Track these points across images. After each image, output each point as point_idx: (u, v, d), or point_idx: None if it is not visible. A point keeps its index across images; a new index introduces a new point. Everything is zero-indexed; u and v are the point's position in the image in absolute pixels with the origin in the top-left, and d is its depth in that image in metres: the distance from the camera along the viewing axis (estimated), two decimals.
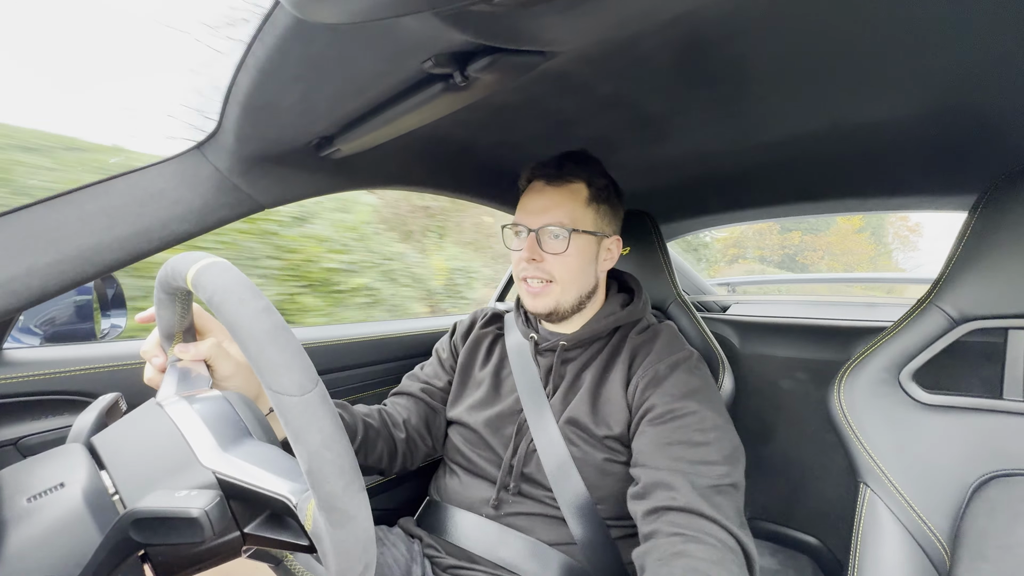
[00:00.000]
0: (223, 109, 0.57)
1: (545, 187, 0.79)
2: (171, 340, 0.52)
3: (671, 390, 0.71)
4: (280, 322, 0.35)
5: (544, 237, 0.77)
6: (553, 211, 0.77)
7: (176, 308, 0.48)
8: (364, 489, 0.34)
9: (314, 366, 0.35)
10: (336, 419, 0.34)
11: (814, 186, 1.09)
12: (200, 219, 0.64)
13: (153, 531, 0.33)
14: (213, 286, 0.36)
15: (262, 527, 0.40)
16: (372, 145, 0.64)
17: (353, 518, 0.33)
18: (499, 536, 0.74)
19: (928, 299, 0.67)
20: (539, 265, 0.77)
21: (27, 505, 0.35)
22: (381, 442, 0.81)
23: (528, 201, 0.81)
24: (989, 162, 0.82)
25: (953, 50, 0.55)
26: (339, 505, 0.33)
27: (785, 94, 0.68)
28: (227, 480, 0.39)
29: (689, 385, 0.72)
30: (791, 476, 1.26)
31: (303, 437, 0.33)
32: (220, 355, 0.55)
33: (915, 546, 0.61)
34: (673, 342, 0.79)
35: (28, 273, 0.53)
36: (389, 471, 0.85)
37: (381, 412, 0.85)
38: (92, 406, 0.45)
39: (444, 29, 0.37)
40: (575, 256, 0.77)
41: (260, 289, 0.37)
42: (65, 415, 0.71)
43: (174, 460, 0.39)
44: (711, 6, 0.48)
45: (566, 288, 0.78)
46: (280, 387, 0.33)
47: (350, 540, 0.33)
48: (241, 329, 0.34)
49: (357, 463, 0.34)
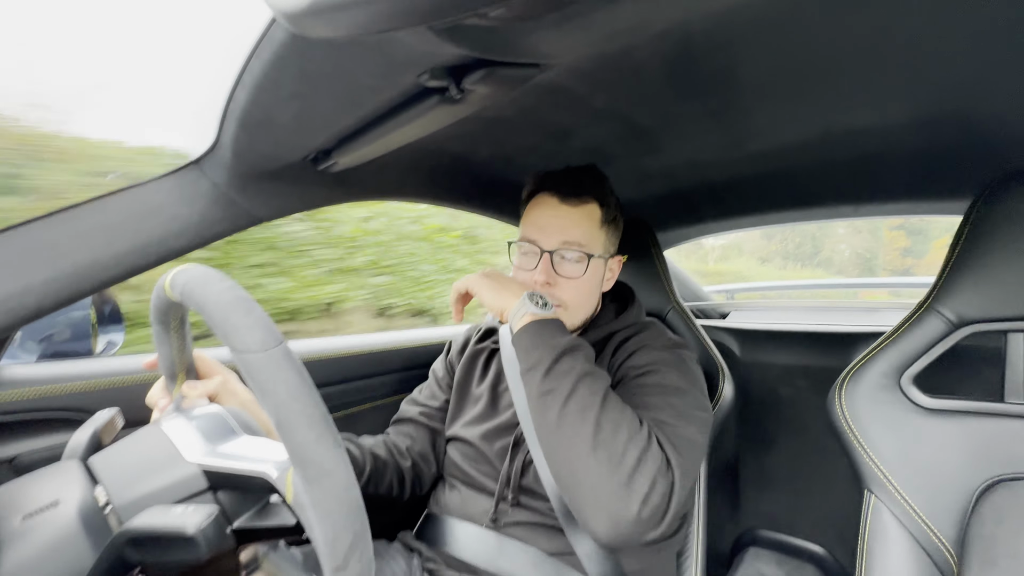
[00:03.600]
0: (220, 124, 0.57)
1: (560, 204, 0.76)
2: (174, 381, 0.53)
3: (656, 360, 0.72)
4: (244, 295, 0.36)
5: (558, 260, 0.75)
6: (570, 232, 0.74)
7: (172, 341, 0.49)
8: (341, 445, 0.33)
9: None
10: (304, 374, 0.34)
11: (808, 193, 1.10)
12: (197, 234, 0.65)
13: (148, 549, 0.33)
14: (184, 280, 0.38)
15: (251, 519, 0.40)
16: (369, 158, 0.65)
17: (330, 473, 0.32)
18: (499, 547, 0.73)
19: (927, 303, 0.67)
20: (550, 290, 0.75)
21: (22, 524, 0.34)
22: (389, 472, 0.82)
23: (539, 217, 0.77)
24: (982, 166, 0.82)
25: (944, 58, 0.56)
26: (312, 457, 0.32)
27: (777, 103, 0.69)
28: (211, 470, 0.39)
29: (676, 363, 0.72)
30: (795, 485, 1.25)
31: (268, 389, 0.32)
32: (225, 392, 0.56)
33: (922, 553, 0.61)
34: (661, 334, 0.79)
35: (25, 290, 0.53)
36: (400, 499, 0.85)
37: (387, 443, 0.86)
38: (88, 423, 0.45)
39: (439, 43, 0.38)
40: (588, 281, 0.76)
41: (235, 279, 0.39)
42: (61, 432, 0.71)
43: (160, 460, 0.40)
44: (702, 18, 0.49)
45: (574, 313, 0.78)
46: (243, 346, 0.33)
47: (330, 498, 0.32)
48: (208, 303, 0.35)
49: (330, 417, 0.34)
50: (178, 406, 0.52)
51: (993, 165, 0.76)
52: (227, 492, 0.40)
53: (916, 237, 15.74)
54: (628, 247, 1.07)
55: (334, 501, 0.32)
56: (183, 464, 0.40)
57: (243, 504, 0.40)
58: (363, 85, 0.48)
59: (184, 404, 0.52)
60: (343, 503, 0.32)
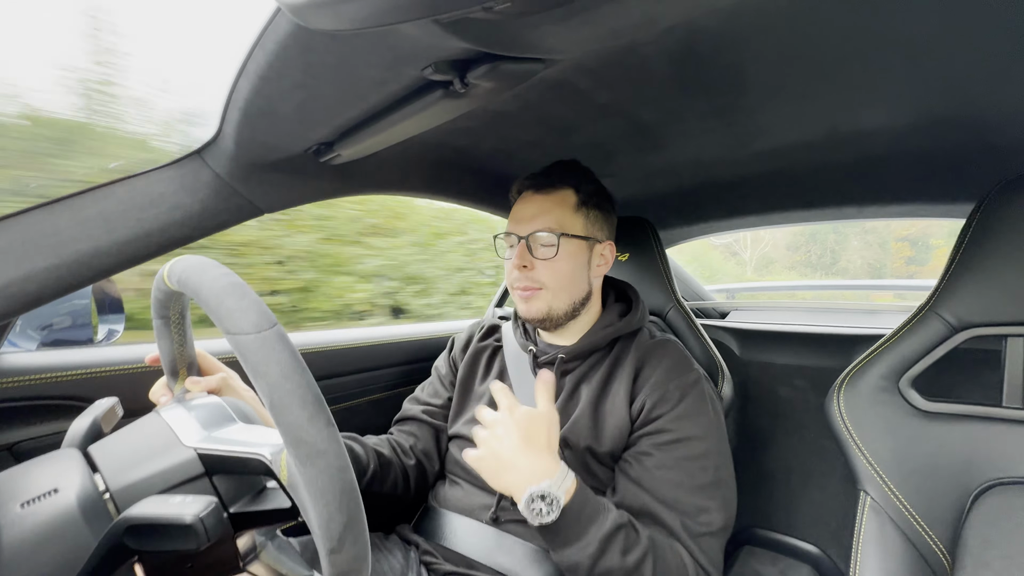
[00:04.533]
0: (223, 114, 0.57)
1: (534, 195, 0.80)
2: (176, 377, 0.53)
3: (682, 415, 0.71)
4: (238, 280, 0.37)
5: (534, 244, 0.77)
6: (541, 217, 0.77)
7: (173, 335, 0.50)
8: (333, 425, 0.34)
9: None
10: (296, 356, 0.34)
11: (811, 194, 1.10)
12: (199, 224, 0.64)
13: (147, 538, 0.33)
14: (181, 268, 0.39)
15: (247, 504, 0.40)
16: (371, 151, 0.65)
17: (323, 453, 0.32)
18: (498, 542, 0.74)
19: (927, 306, 0.67)
20: (529, 273, 0.78)
21: (21, 511, 0.34)
22: (393, 471, 0.83)
23: (518, 210, 0.81)
24: (985, 170, 0.82)
25: (948, 60, 0.56)
26: (305, 437, 0.32)
27: (781, 103, 0.69)
28: (207, 453, 0.40)
29: (701, 412, 0.72)
30: (791, 484, 1.25)
31: (261, 371, 0.32)
32: (227, 388, 0.57)
33: (916, 555, 0.61)
34: (683, 361, 0.78)
35: (26, 278, 0.53)
36: (405, 497, 0.86)
37: (390, 441, 0.87)
38: (88, 411, 0.45)
39: (444, 36, 0.37)
40: (565, 261, 0.77)
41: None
42: (61, 420, 0.71)
43: (158, 445, 0.41)
44: (708, 16, 0.49)
45: (557, 294, 0.78)
46: (237, 328, 0.33)
47: (323, 479, 0.32)
48: (202, 288, 0.36)
49: (323, 399, 0.34)
50: (180, 399, 0.52)
51: (996, 170, 0.75)
52: (223, 477, 0.40)
53: (918, 246, 16.52)
54: (630, 245, 1.07)
55: (327, 480, 0.32)
56: (180, 448, 0.40)
57: (239, 489, 0.41)
58: (367, 77, 0.47)
59: (186, 398, 0.52)
60: (336, 482, 0.32)
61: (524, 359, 0.86)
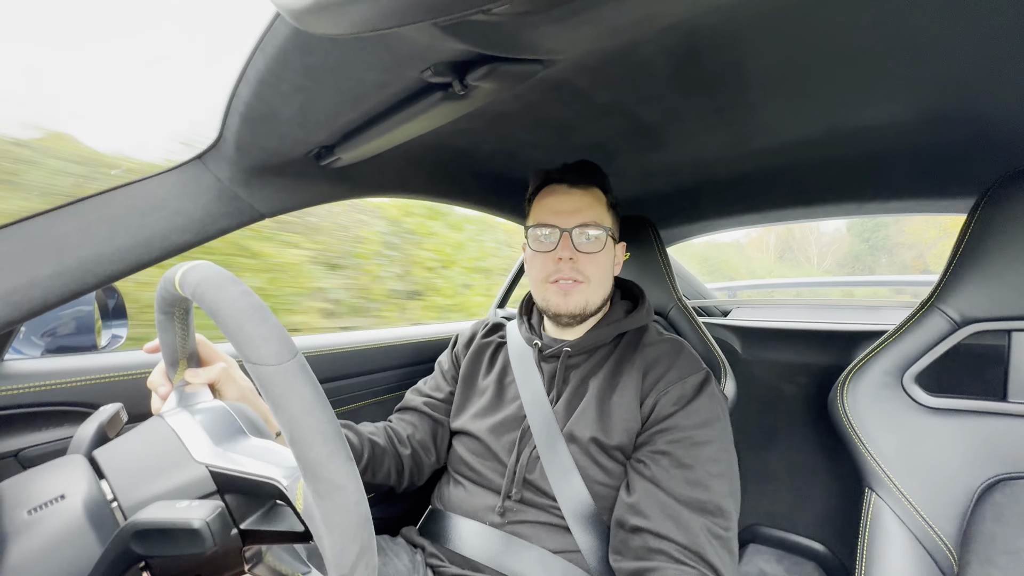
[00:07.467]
0: (224, 119, 0.57)
1: (571, 189, 0.80)
2: (176, 368, 0.53)
3: (694, 413, 0.71)
4: (258, 302, 0.36)
5: (577, 237, 0.78)
6: (586, 211, 0.79)
7: (176, 329, 0.49)
8: (352, 460, 0.34)
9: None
10: (317, 388, 0.34)
11: (812, 191, 1.10)
12: (201, 229, 0.65)
13: (154, 542, 0.33)
14: (196, 280, 0.38)
15: (259, 522, 0.40)
16: (372, 154, 0.65)
17: (341, 488, 0.32)
18: (503, 544, 0.74)
19: (930, 302, 0.67)
20: (573, 265, 0.78)
21: (27, 518, 0.35)
22: (388, 459, 0.82)
23: (554, 203, 0.80)
24: (986, 165, 0.82)
25: (950, 56, 0.55)
26: (325, 473, 0.32)
27: (781, 100, 0.69)
28: (219, 472, 0.39)
29: (713, 412, 0.72)
30: (796, 481, 1.25)
31: (283, 404, 0.32)
32: (226, 380, 0.56)
33: (922, 551, 0.61)
34: (692, 360, 0.79)
35: (29, 284, 0.53)
36: (397, 488, 0.86)
37: (387, 429, 0.87)
38: (93, 417, 0.45)
39: (443, 39, 0.37)
40: (606, 256, 0.80)
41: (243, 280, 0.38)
42: (66, 426, 0.71)
43: (168, 459, 0.40)
44: (708, 14, 0.49)
45: (595, 288, 0.80)
46: (258, 358, 0.33)
47: (340, 513, 0.32)
48: (221, 310, 0.35)
49: (342, 433, 0.34)
50: (180, 393, 0.52)
51: (998, 164, 0.75)
52: (234, 495, 0.40)
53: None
54: (631, 244, 1.07)
55: (344, 515, 0.32)
56: (192, 464, 0.39)
57: (249, 506, 0.40)
58: (366, 81, 0.47)
59: (186, 390, 0.52)
60: (352, 516, 0.32)
61: (528, 353, 0.86)
